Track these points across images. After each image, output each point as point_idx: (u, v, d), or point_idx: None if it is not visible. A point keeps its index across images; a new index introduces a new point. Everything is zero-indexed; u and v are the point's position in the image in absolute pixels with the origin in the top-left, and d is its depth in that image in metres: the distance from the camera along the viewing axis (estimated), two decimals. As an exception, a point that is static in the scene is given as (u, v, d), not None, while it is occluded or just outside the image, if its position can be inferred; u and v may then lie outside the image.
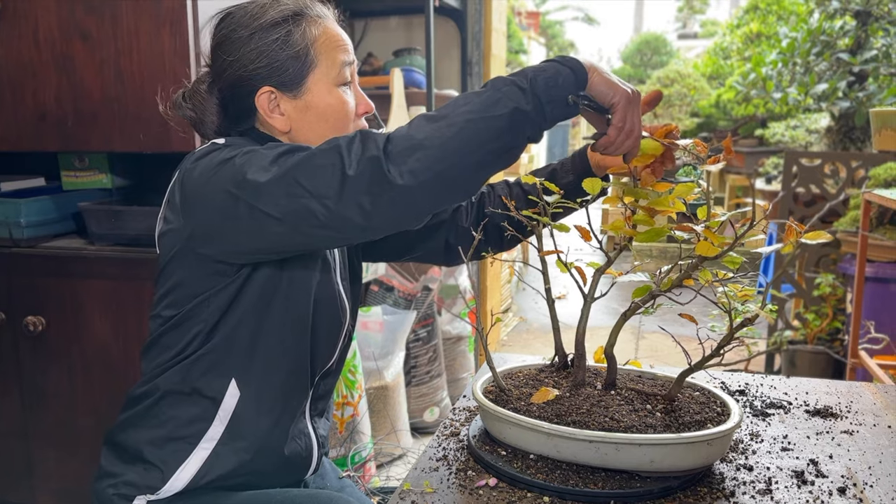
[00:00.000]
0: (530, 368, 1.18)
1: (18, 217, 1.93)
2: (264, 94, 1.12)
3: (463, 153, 0.91)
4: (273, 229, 0.96)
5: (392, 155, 0.90)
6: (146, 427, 1.13)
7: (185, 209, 1.06)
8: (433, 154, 0.90)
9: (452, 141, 0.90)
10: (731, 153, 0.96)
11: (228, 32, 1.14)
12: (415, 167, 0.90)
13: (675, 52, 11.35)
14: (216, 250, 1.05)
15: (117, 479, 1.12)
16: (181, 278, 1.10)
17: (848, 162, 3.37)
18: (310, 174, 0.93)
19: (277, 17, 1.12)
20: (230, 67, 1.13)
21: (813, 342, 3.34)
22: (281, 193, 0.94)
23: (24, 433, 1.99)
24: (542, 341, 4.47)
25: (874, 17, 3.85)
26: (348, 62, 1.16)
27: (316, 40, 1.13)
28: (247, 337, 1.11)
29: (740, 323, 0.95)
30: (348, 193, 0.91)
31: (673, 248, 1.03)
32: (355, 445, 2.38)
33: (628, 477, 0.93)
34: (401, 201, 0.91)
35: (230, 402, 1.11)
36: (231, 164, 0.99)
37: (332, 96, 1.14)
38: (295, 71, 1.12)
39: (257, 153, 0.99)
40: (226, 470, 1.12)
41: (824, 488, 0.95)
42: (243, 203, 0.96)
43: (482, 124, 0.91)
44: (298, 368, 1.16)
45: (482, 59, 3.45)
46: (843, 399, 1.28)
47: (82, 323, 1.90)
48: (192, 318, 1.10)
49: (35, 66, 1.82)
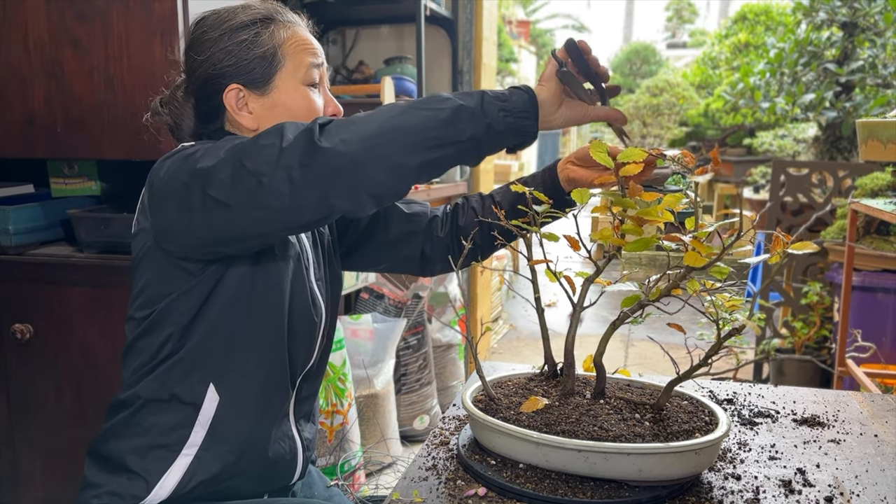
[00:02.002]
0: (520, 377, 1.18)
1: (7, 224, 1.92)
2: (232, 91, 1.15)
3: (398, 132, 0.92)
4: (222, 215, 0.97)
5: (328, 129, 0.93)
6: (128, 436, 1.13)
7: (151, 208, 1.08)
8: (368, 129, 0.92)
9: (390, 121, 0.93)
10: (719, 164, 0.97)
11: (200, 34, 1.17)
12: (346, 137, 0.91)
13: (664, 61, 11.43)
14: (178, 246, 1.06)
15: (101, 489, 1.12)
16: (150, 278, 1.11)
17: (835, 171, 3.40)
18: (253, 154, 0.94)
19: (247, 19, 1.16)
20: (200, 66, 1.16)
21: (801, 350, 3.36)
22: (227, 176, 0.95)
23: (10, 441, 1.98)
24: (533, 349, 4.47)
25: (861, 28, 3.89)
26: (316, 64, 1.18)
27: (284, 42, 1.16)
28: (221, 340, 1.11)
29: (728, 332, 0.96)
30: (281, 164, 0.92)
31: (662, 257, 1.03)
32: (345, 454, 2.37)
33: (617, 486, 0.94)
34: (327, 171, 0.91)
35: (210, 407, 1.11)
36: (192, 158, 1.01)
37: (299, 94, 1.17)
38: (262, 69, 1.15)
39: (215, 145, 1.01)
40: (209, 475, 1.11)
41: (811, 497, 0.96)
42: (196, 191, 0.97)
43: (423, 112, 0.94)
44: (277, 371, 1.16)
45: (473, 67, 3.46)
46: (831, 408, 1.29)
47: (70, 331, 1.88)
48: (164, 321, 1.10)
49: (24, 73, 1.82)
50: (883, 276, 2.94)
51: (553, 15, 14.02)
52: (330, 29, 3.52)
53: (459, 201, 1.39)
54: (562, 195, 1.26)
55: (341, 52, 3.57)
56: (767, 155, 5.55)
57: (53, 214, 2.05)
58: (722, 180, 6.64)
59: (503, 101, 0.98)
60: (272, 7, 1.19)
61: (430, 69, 3.38)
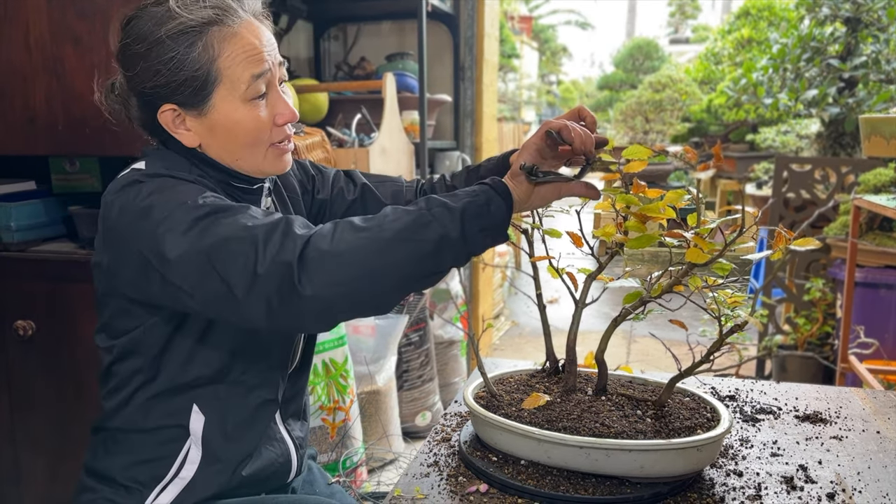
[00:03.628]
0: (521, 374, 1.18)
1: (9, 221, 1.92)
2: (166, 111, 1.05)
3: (381, 273, 0.89)
4: (185, 301, 0.95)
5: (307, 262, 0.88)
6: (116, 453, 1.12)
7: (105, 244, 1.03)
8: (349, 271, 0.88)
9: (373, 258, 0.88)
10: (721, 160, 0.97)
11: (129, 43, 1.04)
12: (327, 280, 0.87)
13: (666, 57, 11.40)
14: (133, 295, 1.03)
15: (97, 493, 1.12)
16: (112, 313, 1.08)
17: (838, 167, 3.39)
18: (223, 259, 0.90)
19: (175, 29, 1.01)
20: (130, 82, 1.06)
21: (803, 347, 3.36)
22: (192, 270, 0.92)
23: (12, 438, 1.98)
24: (535, 345, 4.47)
25: (864, 23, 3.88)
26: (260, 74, 1.04)
27: (220, 55, 1.02)
28: (198, 364, 1.08)
29: (730, 329, 0.96)
30: (257, 290, 0.89)
31: (664, 253, 1.03)
32: (347, 450, 2.37)
33: (618, 483, 0.94)
34: (307, 310, 0.89)
35: (197, 426, 1.10)
36: (149, 221, 0.95)
37: (240, 114, 1.04)
38: (195, 90, 1.03)
39: (174, 215, 0.94)
40: (208, 493, 1.11)
41: (813, 494, 0.96)
42: (155, 272, 0.94)
43: (407, 247, 0.89)
44: (260, 381, 1.13)
45: (475, 63, 3.46)
46: (833, 404, 1.28)
47: (72, 327, 1.89)
48: (133, 352, 1.08)
49: (25, 70, 1.82)
50: (886, 273, 2.93)
51: (555, 11, 13.98)
52: (331, 25, 3.51)
53: (434, 180, 1.32)
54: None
55: (343, 48, 3.56)
56: (770, 151, 5.54)
57: (55, 211, 2.05)
58: (724, 176, 6.63)
59: (483, 218, 0.94)
60: (216, 2, 1.03)
61: (432, 65, 3.38)
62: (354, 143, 2.71)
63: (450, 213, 0.92)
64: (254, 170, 1.10)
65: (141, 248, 0.95)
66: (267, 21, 1.09)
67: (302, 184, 1.27)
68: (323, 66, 3.50)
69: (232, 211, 0.95)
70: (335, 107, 2.99)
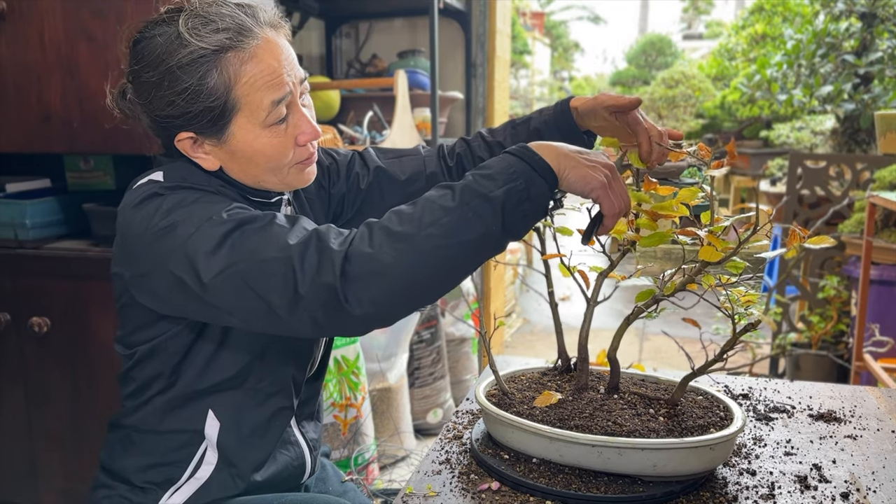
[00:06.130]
0: (533, 372, 1.18)
1: (24, 218, 1.94)
2: (184, 139, 1.02)
3: (424, 284, 0.88)
4: (225, 318, 0.94)
5: (350, 279, 0.86)
6: (132, 454, 1.12)
7: (127, 258, 1.00)
8: (396, 283, 0.86)
9: (416, 271, 0.87)
10: (735, 157, 0.96)
11: (139, 70, 1.01)
12: (375, 297, 0.86)
13: (679, 52, 11.32)
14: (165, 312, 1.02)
15: (112, 490, 1.13)
16: (133, 322, 1.07)
17: (853, 164, 3.36)
18: (260, 279, 0.89)
19: (187, 59, 0.96)
20: (143, 109, 1.03)
21: (817, 345, 3.33)
22: (229, 291, 0.90)
23: (28, 434, 2.00)
24: (546, 343, 4.46)
25: (880, 18, 3.84)
26: (280, 98, 1.00)
27: (237, 82, 0.97)
28: (215, 372, 1.08)
29: (744, 327, 0.95)
30: (301, 309, 0.88)
31: (677, 251, 1.03)
32: (358, 447, 2.38)
33: (631, 482, 0.93)
34: (355, 323, 0.89)
35: (212, 432, 1.10)
36: (174, 238, 0.93)
37: (260, 142, 1.01)
38: (213, 119, 0.99)
39: (201, 231, 0.92)
40: (222, 494, 1.11)
41: (827, 493, 0.95)
42: (191, 292, 0.92)
43: (449, 252, 0.87)
44: (277, 388, 1.13)
45: (486, 60, 3.45)
46: (847, 403, 1.27)
47: (87, 324, 1.90)
48: (152, 359, 1.08)
49: (40, 68, 1.83)
50: (901, 270, 2.91)
51: (568, 6, 13.93)
52: (343, 22, 3.52)
53: (458, 147, 1.26)
54: (578, 133, 1.19)
55: (354, 45, 3.57)
56: (784, 147, 5.49)
57: (69, 209, 2.07)
58: (738, 173, 6.58)
59: (524, 203, 0.90)
60: (229, 22, 0.98)
61: (444, 62, 3.37)
62: (366, 140, 2.72)
63: (490, 205, 0.88)
64: (277, 188, 1.09)
65: (173, 269, 0.92)
66: (283, 28, 1.04)
67: (317, 180, 1.26)
68: (334, 63, 3.51)
69: (259, 221, 0.93)
70: (347, 104, 2.99)
